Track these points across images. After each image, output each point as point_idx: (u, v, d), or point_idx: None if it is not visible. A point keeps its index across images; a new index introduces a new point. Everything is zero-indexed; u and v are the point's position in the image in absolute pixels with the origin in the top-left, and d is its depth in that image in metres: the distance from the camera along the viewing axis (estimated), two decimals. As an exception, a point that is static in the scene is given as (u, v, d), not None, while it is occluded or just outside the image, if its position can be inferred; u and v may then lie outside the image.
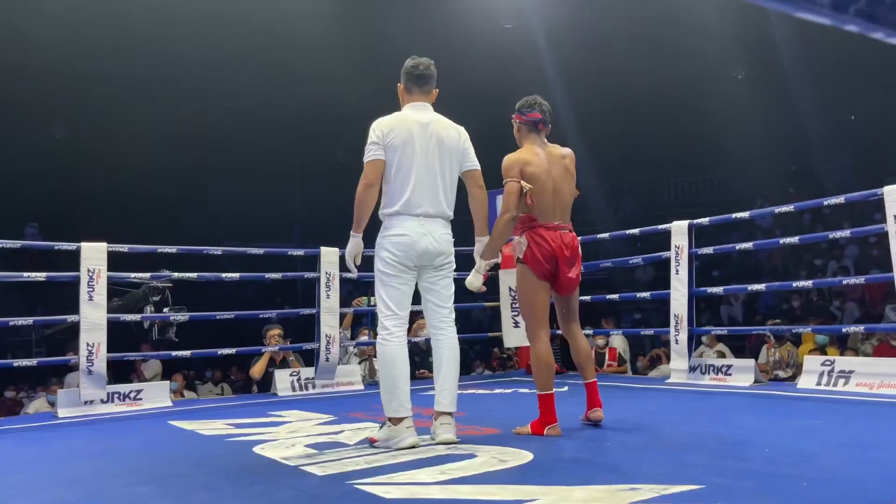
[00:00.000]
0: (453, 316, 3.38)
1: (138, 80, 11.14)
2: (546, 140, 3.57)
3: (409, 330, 6.51)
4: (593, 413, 3.49)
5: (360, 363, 6.30)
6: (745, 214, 5.50)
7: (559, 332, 6.47)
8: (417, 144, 3.23)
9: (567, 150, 3.57)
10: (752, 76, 13.03)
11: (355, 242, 3.29)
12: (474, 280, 3.45)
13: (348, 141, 3.35)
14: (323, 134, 13.29)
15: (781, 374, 7.20)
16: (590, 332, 6.69)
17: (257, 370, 6.07)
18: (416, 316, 6.33)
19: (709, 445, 3.00)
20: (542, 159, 3.46)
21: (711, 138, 13.43)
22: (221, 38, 10.90)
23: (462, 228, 3.62)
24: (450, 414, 3.24)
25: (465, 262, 3.81)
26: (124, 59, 10.64)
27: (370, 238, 3.29)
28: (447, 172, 3.29)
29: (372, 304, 5.10)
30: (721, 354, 7.01)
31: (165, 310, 5.71)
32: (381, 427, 3.25)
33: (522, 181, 3.40)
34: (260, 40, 11.19)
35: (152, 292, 5.76)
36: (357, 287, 12.93)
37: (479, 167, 3.40)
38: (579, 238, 3.60)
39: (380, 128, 3.25)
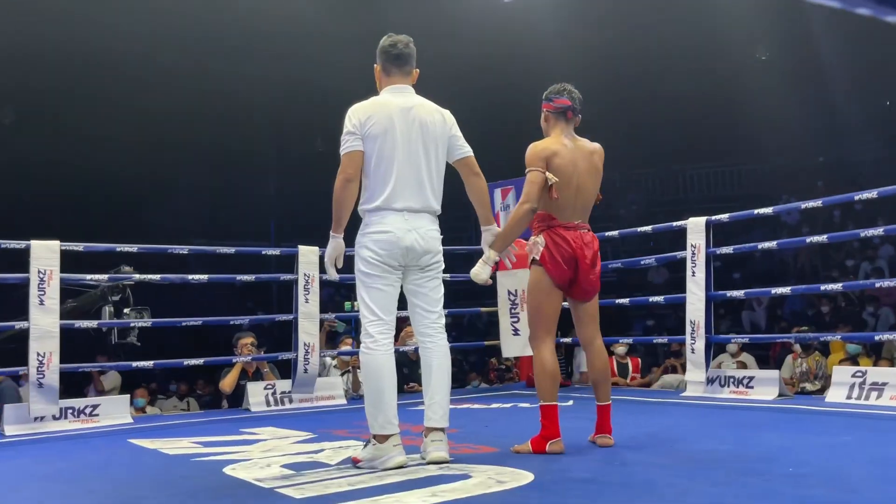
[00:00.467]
0: (443, 321, 3.38)
1: (94, 60, 11.09)
2: (574, 132, 3.61)
3: (396, 338, 6.52)
4: (602, 439, 3.51)
5: (342, 375, 6.31)
6: (768, 210, 5.54)
7: (563, 341, 6.48)
8: (399, 132, 3.23)
9: (596, 146, 3.60)
10: (777, 57, 13.07)
11: (335, 244, 3.30)
12: (481, 271, 3.44)
13: (329, 128, 3.36)
14: (301, 120, 13.27)
15: (809, 386, 7.24)
16: (629, 339, 6.68)
17: (227, 383, 6.07)
18: (403, 323, 6.34)
19: (726, 464, 3.02)
20: (569, 151, 3.50)
21: (731, 125, 13.47)
22: (187, 17, 10.86)
23: (451, 225, 3.63)
24: (441, 430, 3.24)
25: (453, 263, 3.82)
26: (79, 37, 10.60)
27: (350, 237, 3.29)
28: (433, 162, 3.30)
29: (355, 309, 5.10)
30: (743, 365, 7.04)
31: (126, 311, 5.68)
32: (365, 445, 3.26)
33: (548, 172, 3.42)
34: (229, 17, 11.16)
35: (111, 291, 5.73)
36: (339, 291, 12.99)
37: (471, 153, 3.41)
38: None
39: (356, 115, 3.25)
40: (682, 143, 14.27)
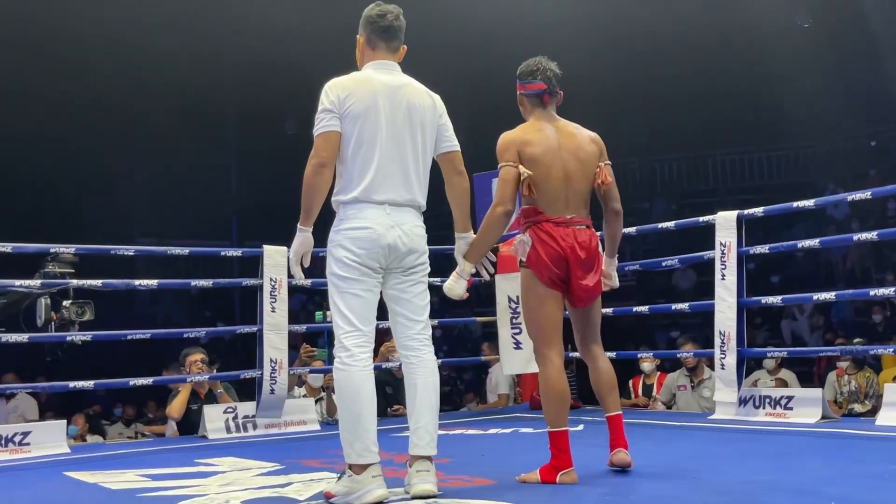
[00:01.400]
0: (429, 332, 3.40)
1: (22, 31, 11.08)
2: (556, 114, 3.63)
3: (377, 353, 6.54)
4: (617, 455, 3.54)
5: (315, 403, 6.31)
6: (809, 203, 5.55)
7: (574, 355, 6.53)
8: (383, 113, 3.25)
9: (582, 130, 3.63)
10: (822, 25, 13.11)
11: (303, 238, 3.31)
12: (455, 286, 3.49)
13: (302, 108, 3.37)
14: (267, 99, 13.27)
15: (858, 407, 7.28)
16: (648, 353, 6.71)
17: (175, 408, 6.07)
18: (386, 335, 6.35)
19: (759, 497, 3.05)
20: (547, 137, 3.51)
21: (768, 104, 13.47)
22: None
23: (442, 222, 3.65)
24: (428, 458, 3.26)
25: (445, 266, 3.84)
26: (15, 10, 10.60)
27: (321, 234, 3.30)
28: (420, 150, 3.32)
29: (327, 319, 5.11)
30: (783, 383, 7.08)
31: (66, 304, 5.65)
32: (339, 477, 3.27)
33: (521, 166, 3.44)
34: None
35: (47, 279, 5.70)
36: (311, 298, 13.01)
37: (458, 148, 3.44)
38: (598, 234, 3.65)
39: (334, 91, 3.26)
40: (710, 125, 14.25)
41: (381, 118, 3.24)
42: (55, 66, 11.42)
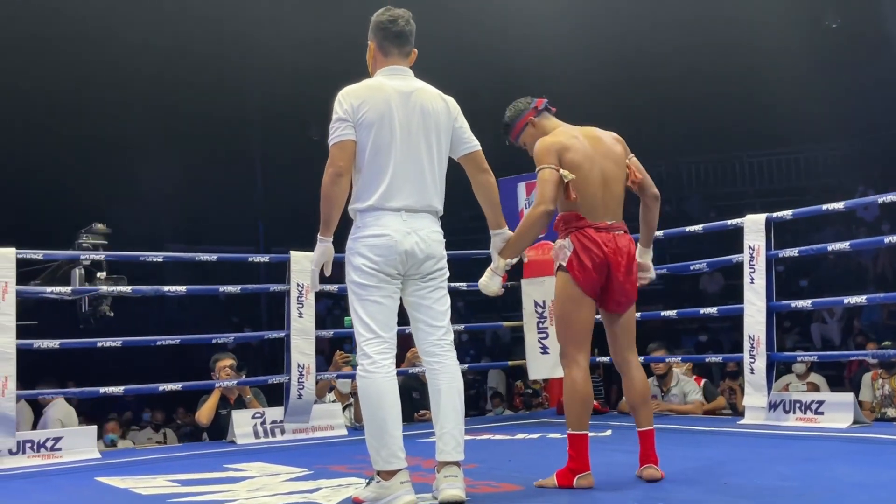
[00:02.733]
0: (451, 337, 3.41)
1: (49, 37, 11.18)
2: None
3: (404, 358, 6.56)
4: (647, 471, 3.54)
5: (343, 410, 6.33)
6: (839, 205, 5.50)
7: (599, 359, 6.49)
8: (397, 120, 3.27)
9: (610, 132, 3.70)
10: (851, 23, 12.99)
11: (323, 249, 3.35)
12: (490, 283, 3.54)
13: (323, 113, 3.39)
14: (292, 104, 13.32)
15: (891, 412, 7.22)
16: (677, 358, 6.63)
17: (204, 414, 6.12)
18: (412, 340, 6.36)
19: (788, 502, 3.02)
20: (583, 143, 3.57)
21: (795, 103, 13.35)
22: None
23: (466, 226, 3.66)
24: (456, 464, 3.27)
25: (471, 270, 3.85)
26: (33, 19, 10.71)
27: (339, 242, 3.33)
28: (435, 155, 3.34)
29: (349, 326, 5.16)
30: (814, 388, 7.03)
31: (100, 276, 5.70)
32: (367, 483, 3.29)
33: (563, 169, 3.47)
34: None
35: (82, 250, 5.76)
36: (338, 303, 13.05)
37: (479, 147, 3.46)
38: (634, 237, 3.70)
39: (348, 100, 3.29)
40: (737, 126, 14.16)
41: (394, 125, 3.27)
42: (83, 71, 11.52)
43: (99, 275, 5.63)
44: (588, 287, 3.49)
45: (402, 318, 3.38)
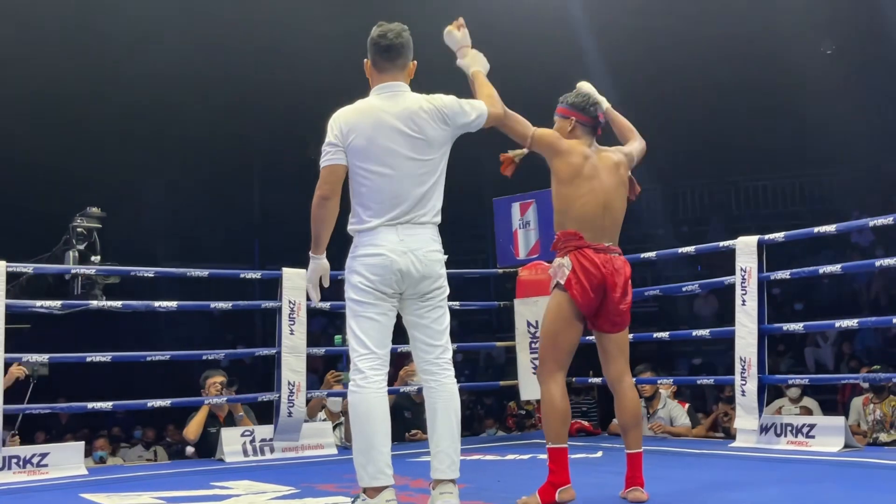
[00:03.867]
0: (449, 355, 3.41)
1: (49, 50, 11.21)
2: (597, 143, 3.77)
3: (397, 377, 6.53)
4: (633, 493, 3.55)
5: (333, 429, 6.30)
6: (830, 228, 5.50)
7: (591, 380, 6.47)
8: (387, 141, 3.28)
9: (621, 157, 3.76)
10: (845, 50, 13.06)
11: (315, 265, 3.40)
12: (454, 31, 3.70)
13: (321, 130, 3.41)
14: (289, 121, 13.34)
15: (883, 436, 7.19)
16: (667, 380, 6.59)
17: (192, 430, 6.09)
18: (404, 359, 6.35)
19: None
20: (594, 167, 3.64)
21: (791, 129, 13.42)
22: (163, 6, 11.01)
23: (464, 247, 3.66)
24: (451, 482, 3.26)
25: (466, 289, 3.84)
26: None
27: (340, 260, 3.33)
28: (429, 170, 3.35)
29: (345, 343, 5.13)
30: (807, 411, 7.01)
31: (93, 259, 5.69)
32: (353, 501, 3.27)
33: (518, 151, 3.71)
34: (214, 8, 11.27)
35: (77, 237, 5.75)
36: (332, 322, 13.00)
37: (485, 111, 3.45)
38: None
39: (338, 124, 3.33)
40: (735, 151, 14.21)
41: (385, 146, 3.28)
42: (79, 87, 11.53)
43: (93, 258, 5.62)
44: (584, 306, 3.53)
45: (397, 336, 3.38)
